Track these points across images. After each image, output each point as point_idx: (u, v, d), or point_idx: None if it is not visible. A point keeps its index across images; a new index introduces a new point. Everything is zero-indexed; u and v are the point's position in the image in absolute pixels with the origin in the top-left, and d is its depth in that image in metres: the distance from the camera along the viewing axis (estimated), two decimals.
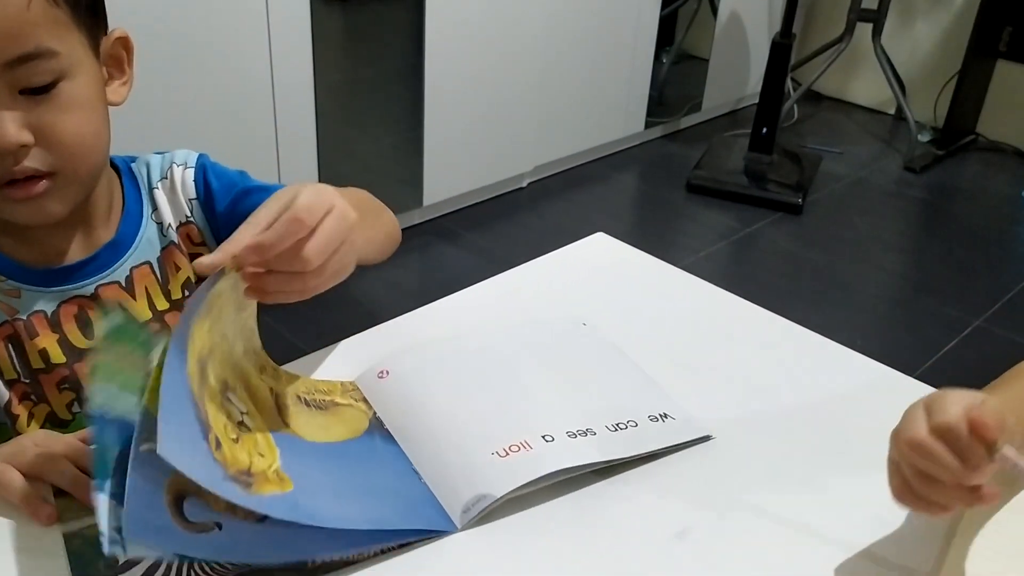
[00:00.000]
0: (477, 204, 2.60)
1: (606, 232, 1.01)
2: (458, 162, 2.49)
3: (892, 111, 3.44)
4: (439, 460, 0.65)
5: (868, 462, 0.69)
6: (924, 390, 0.78)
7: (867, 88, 3.46)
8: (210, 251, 0.81)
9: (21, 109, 0.66)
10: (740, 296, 0.91)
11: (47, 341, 0.75)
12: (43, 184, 0.69)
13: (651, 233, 2.63)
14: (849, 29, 3.02)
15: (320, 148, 2.16)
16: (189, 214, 0.83)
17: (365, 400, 0.72)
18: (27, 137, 0.66)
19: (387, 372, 0.74)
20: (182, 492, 0.53)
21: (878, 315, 2.29)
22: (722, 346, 0.83)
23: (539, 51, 2.55)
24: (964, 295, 2.32)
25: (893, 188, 2.95)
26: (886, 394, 0.78)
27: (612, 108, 2.91)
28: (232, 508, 0.53)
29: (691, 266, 0.92)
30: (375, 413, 0.71)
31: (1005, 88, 3.18)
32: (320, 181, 2.12)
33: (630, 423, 0.70)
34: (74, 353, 0.77)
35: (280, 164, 2.09)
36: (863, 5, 2.98)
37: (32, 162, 0.68)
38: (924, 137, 3.19)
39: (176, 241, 0.82)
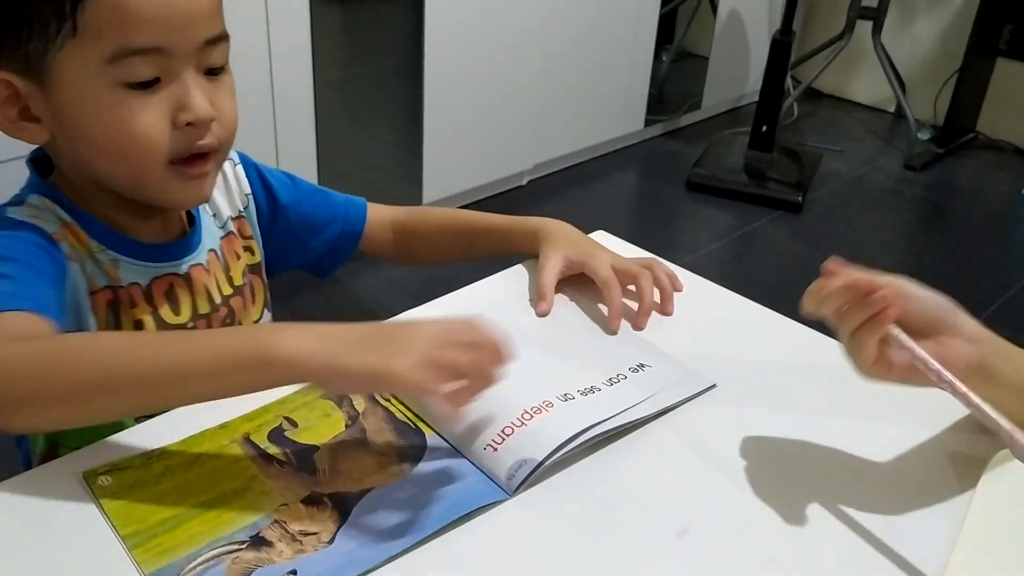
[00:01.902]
0: (477, 202, 2.60)
1: (606, 230, 1.00)
2: (458, 160, 2.49)
3: (892, 109, 3.43)
4: (471, 434, 0.67)
5: (868, 459, 0.70)
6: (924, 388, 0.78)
7: (867, 86, 3.46)
8: (257, 245, 0.90)
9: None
10: (740, 294, 0.91)
11: (143, 313, 0.77)
12: (211, 162, 0.74)
13: (651, 231, 2.63)
14: (849, 27, 3.02)
15: (319, 146, 2.16)
16: (242, 208, 0.88)
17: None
18: (213, 112, 0.71)
19: None
20: (244, 573, 0.56)
21: None
22: (721, 344, 0.83)
23: (539, 49, 2.55)
24: (964, 293, 2.29)
25: (893, 186, 2.95)
26: (886, 392, 0.78)
27: (612, 106, 2.91)
28: (301, 547, 0.58)
29: (691, 264, 0.92)
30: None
31: (1005, 86, 3.17)
32: (319, 179, 2.14)
33: (620, 377, 0.75)
34: (165, 328, 0.79)
35: (279, 162, 2.09)
36: (863, 3, 2.98)
37: (210, 138, 0.72)
38: (924, 135, 3.18)
39: (233, 231, 0.87)
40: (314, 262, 0.97)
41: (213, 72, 0.72)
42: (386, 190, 2.50)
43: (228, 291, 0.85)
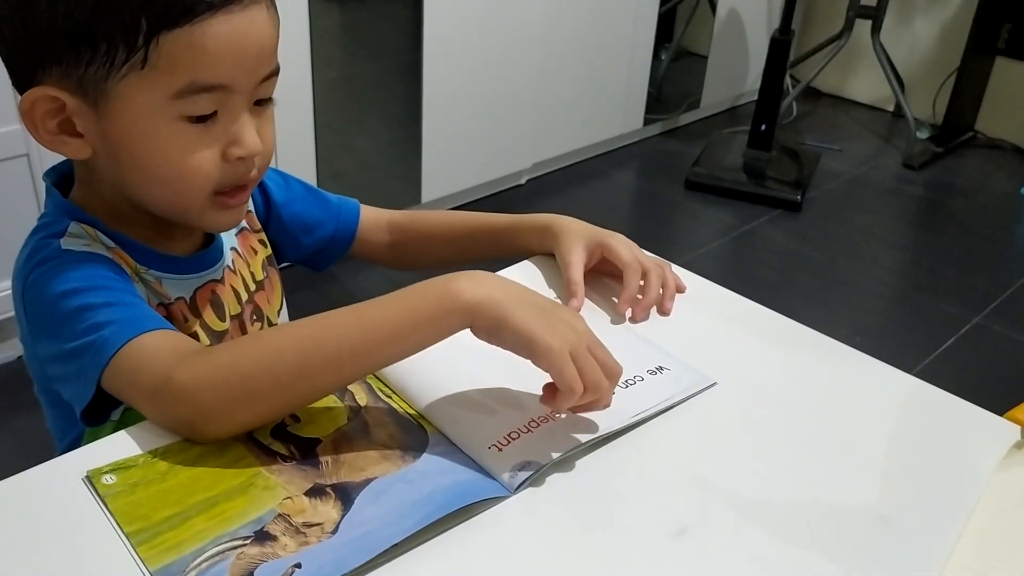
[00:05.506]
0: (476, 201, 2.60)
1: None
2: (457, 159, 2.49)
3: (891, 108, 3.44)
4: (477, 434, 0.68)
5: (867, 460, 0.70)
6: (923, 387, 0.78)
7: (866, 85, 3.46)
8: (266, 238, 0.91)
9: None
10: (739, 293, 0.91)
11: (194, 326, 0.78)
12: (249, 190, 0.75)
13: (650, 230, 2.63)
14: (848, 26, 3.02)
15: (318, 145, 2.16)
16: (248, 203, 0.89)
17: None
18: (261, 147, 0.72)
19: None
20: (249, 568, 0.56)
21: (877, 312, 2.30)
22: (720, 343, 0.83)
23: (538, 48, 2.55)
24: (963, 292, 2.32)
25: (892, 185, 2.95)
26: (885, 391, 0.78)
27: (611, 105, 2.91)
28: (305, 539, 0.58)
29: (690, 263, 0.92)
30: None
31: (1004, 85, 3.18)
32: (318, 178, 2.14)
33: (637, 379, 0.75)
34: (215, 336, 0.79)
35: (278, 161, 2.09)
36: (862, 2, 2.98)
37: (254, 171, 0.73)
38: (923, 134, 3.19)
39: (246, 226, 0.88)
40: (307, 259, 0.98)
41: (259, 103, 0.72)
42: (385, 189, 2.50)
43: (252, 287, 0.86)
